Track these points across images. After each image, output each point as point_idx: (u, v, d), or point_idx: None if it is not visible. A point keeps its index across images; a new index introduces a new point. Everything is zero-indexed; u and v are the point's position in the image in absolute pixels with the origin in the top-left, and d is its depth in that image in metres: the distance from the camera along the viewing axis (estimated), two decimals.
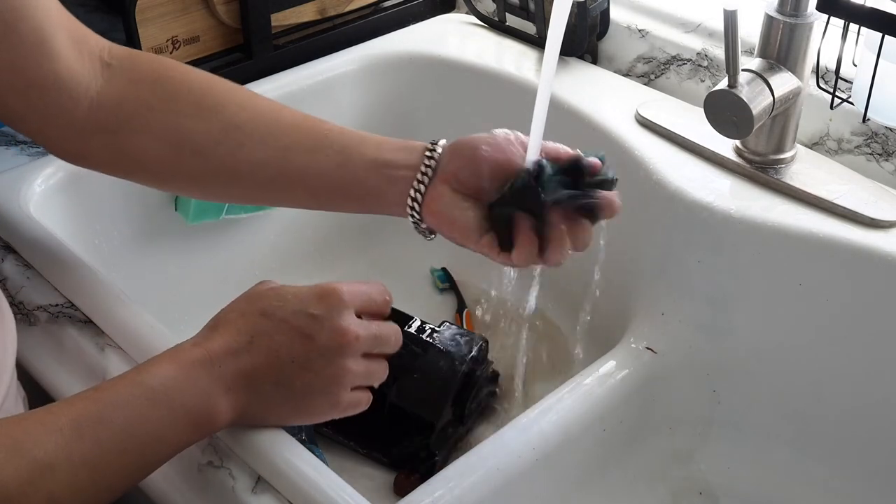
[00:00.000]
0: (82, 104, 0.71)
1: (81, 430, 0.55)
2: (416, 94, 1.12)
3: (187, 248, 1.01)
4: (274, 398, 0.62)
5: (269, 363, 0.61)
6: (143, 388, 0.58)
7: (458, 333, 0.90)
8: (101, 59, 0.73)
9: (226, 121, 0.72)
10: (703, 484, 0.88)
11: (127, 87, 0.72)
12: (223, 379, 0.60)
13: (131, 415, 0.57)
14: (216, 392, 0.60)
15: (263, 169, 0.72)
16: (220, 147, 0.72)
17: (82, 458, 0.55)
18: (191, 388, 0.59)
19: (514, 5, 1.12)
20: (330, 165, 0.71)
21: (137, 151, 0.73)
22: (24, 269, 0.81)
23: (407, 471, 0.88)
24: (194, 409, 0.59)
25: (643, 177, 0.91)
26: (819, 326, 0.84)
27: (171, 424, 0.59)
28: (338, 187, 0.72)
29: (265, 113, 0.74)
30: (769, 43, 0.86)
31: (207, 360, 0.60)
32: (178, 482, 0.66)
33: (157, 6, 0.99)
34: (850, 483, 0.86)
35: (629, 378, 0.82)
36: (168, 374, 0.59)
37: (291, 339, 0.62)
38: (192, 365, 0.60)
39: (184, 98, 0.73)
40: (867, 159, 0.92)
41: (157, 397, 0.58)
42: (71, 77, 0.70)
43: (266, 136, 0.72)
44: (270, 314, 0.62)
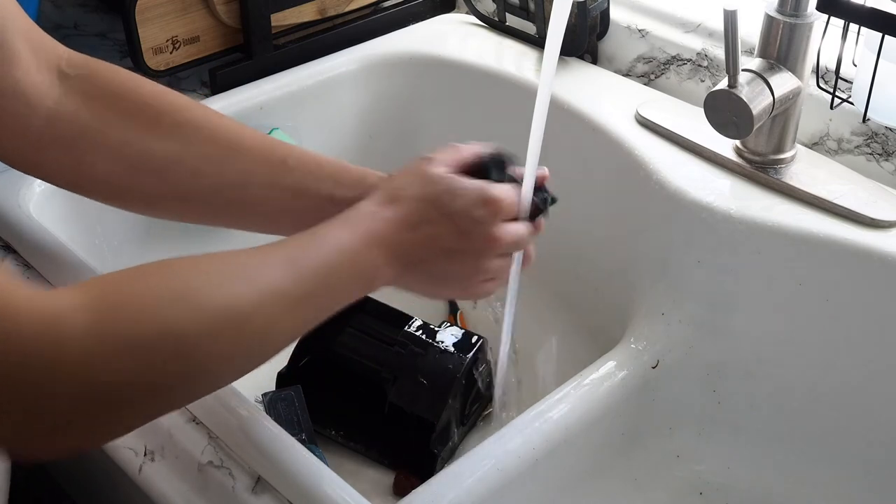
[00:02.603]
0: (39, 114, 0.70)
1: (295, 267, 0.60)
2: (416, 94, 1.12)
3: (187, 248, 1.01)
4: (420, 275, 0.69)
5: (427, 248, 0.67)
6: (338, 247, 0.63)
7: (458, 333, 0.90)
8: (58, 69, 0.71)
9: (183, 142, 0.72)
10: (704, 484, 0.88)
11: (84, 100, 0.71)
12: (390, 250, 0.66)
13: (328, 267, 0.62)
14: (384, 262, 0.65)
15: (220, 193, 0.73)
16: (178, 167, 0.72)
17: (295, 291, 0.60)
18: (368, 256, 0.65)
19: (514, 5, 1.12)
20: (286, 195, 0.73)
21: (92, 168, 0.72)
22: (24, 269, 0.81)
23: (407, 471, 0.88)
24: (366, 274, 0.65)
25: (643, 177, 0.91)
26: (819, 326, 0.84)
27: (351, 283, 0.64)
28: (293, 217, 0.73)
29: (223, 136, 0.73)
30: (769, 43, 0.86)
31: (383, 234, 0.65)
32: (178, 482, 0.66)
33: (157, 6, 0.98)
34: (850, 483, 0.86)
35: (629, 378, 0.82)
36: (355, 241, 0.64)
37: (451, 233, 0.67)
38: (372, 236, 0.65)
39: (141, 116, 0.72)
40: (867, 159, 0.92)
41: (344, 258, 0.63)
42: (29, 83, 0.69)
43: (223, 161, 0.72)
44: (440, 206, 0.67)
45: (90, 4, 1.22)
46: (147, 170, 0.72)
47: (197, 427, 0.67)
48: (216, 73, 1.03)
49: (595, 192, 0.97)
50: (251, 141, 0.74)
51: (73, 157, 0.72)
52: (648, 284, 0.89)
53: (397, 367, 0.87)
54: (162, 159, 0.72)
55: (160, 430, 0.68)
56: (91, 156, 0.71)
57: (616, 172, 0.94)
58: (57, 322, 0.50)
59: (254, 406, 0.68)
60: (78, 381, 0.49)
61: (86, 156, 0.71)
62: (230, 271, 0.58)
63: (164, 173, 0.72)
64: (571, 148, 0.98)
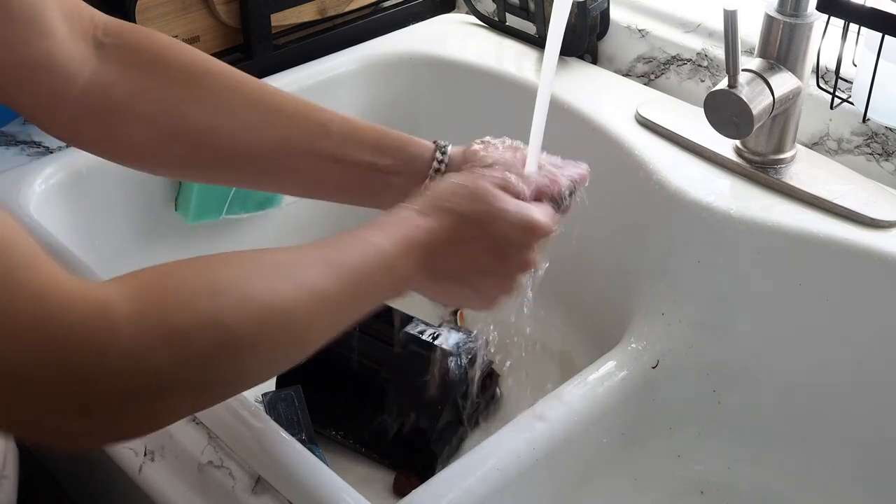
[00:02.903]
0: (75, 85, 0.69)
1: (331, 269, 0.59)
2: (416, 94, 1.12)
3: (187, 248, 1.01)
4: (447, 285, 0.68)
5: (461, 265, 0.66)
6: (377, 251, 0.61)
7: (458, 333, 0.90)
8: (94, 38, 0.71)
9: (221, 106, 0.72)
10: (704, 484, 0.88)
11: (121, 69, 0.71)
12: (424, 260, 0.64)
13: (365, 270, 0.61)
14: (417, 271, 0.64)
15: (259, 158, 0.72)
16: (216, 133, 0.71)
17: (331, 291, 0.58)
18: (405, 263, 0.63)
19: (514, 5, 1.12)
20: (326, 162, 0.72)
21: (130, 136, 0.71)
22: None
23: (407, 471, 0.88)
24: (399, 280, 0.63)
25: (643, 177, 0.91)
26: (819, 326, 0.85)
27: (384, 288, 0.63)
28: (332, 183, 0.73)
29: (262, 99, 0.73)
30: (769, 43, 0.86)
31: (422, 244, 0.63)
32: (178, 482, 0.66)
33: (157, 6, 0.99)
34: (850, 482, 0.86)
35: (629, 378, 0.82)
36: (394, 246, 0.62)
37: (488, 253, 0.66)
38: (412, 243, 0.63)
39: (179, 82, 0.71)
40: (867, 159, 0.92)
41: (382, 263, 0.61)
42: (64, 56, 0.68)
43: (262, 125, 0.72)
44: (482, 226, 0.66)
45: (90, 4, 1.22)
46: (185, 138, 0.71)
47: (197, 427, 0.67)
48: None
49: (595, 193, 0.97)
50: (292, 106, 0.73)
51: (111, 128, 0.71)
52: (648, 284, 0.89)
53: (397, 367, 0.87)
54: (200, 127, 0.71)
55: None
56: (128, 126, 0.71)
57: (616, 172, 0.94)
58: (106, 310, 0.49)
59: (254, 406, 0.68)
60: (127, 370, 0.49)
61: (123, 126, 0.71)
62: (270, 267, 0.57)
63: (202, 141, 0.72)
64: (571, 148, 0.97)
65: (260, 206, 1.02)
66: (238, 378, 0.55)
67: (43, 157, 0.91)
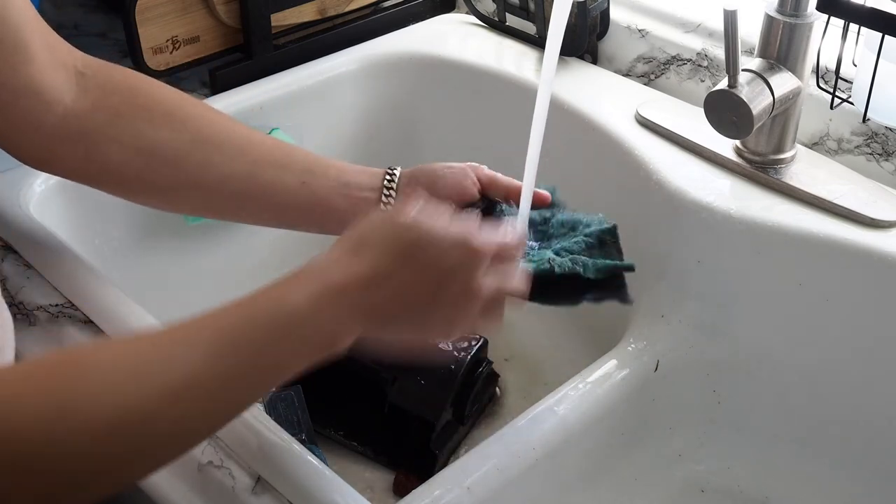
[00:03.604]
0: (55, 110, 0.71)
1: (221, 349, 0.55)
2: (416, 94, 1.12)
3: (187, 249, 1.01)
4: (393, 325, 0.62)
5: (398, 300, 0.61)
6: (282, 312, 0.57)
7: None
8: (75, 69, 0.73)
9: (196, 133, 0.75)
10: (704, 484, 0.88)
11: (100, 95, 0.73)
12: (354, 309, 0.59)
13: (267, 340, 0.57)
14: (347, 322, 0.59)
15: (230, 183, 0.75)
16: (190, 158, 0.74)
17: (213, 381, 0.55)
18: (326, 317, 0.58)
19: (514, 5, 1.12)
20: (295, 183, 0.75)
21: (106, 159, 0.74)
22: (24, 269, 0.81)
23: (407, 471, 0.88)
24: (324, 336, 0.59)
25: (643, 177, 0.91)
26: (819, 326, 0.84)
27: (300, 351, 0.58)
28: (302, 206, 0.75)
29: (234, 130, 0.77)
30: (769, 43, 0.86)
31: (344, 290, 0.59)
32: (178, 482, 0.66)
33: (157, 6, 0.99)
34: (851, 482, 0.86)
35: (629, 378, 0.82)
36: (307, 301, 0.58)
37: (425, 283, 0.61)
38: (331, 293, 0.59)
39: (155, 109, 0.74)
40: (867, 159, 0.92)
41: (291, 326, 0.57)
42: (46, 83, 0.70)
43: (235, 150, 0.75)
44: (411, 256, 0.61)
45: (90, 4, 1.22)
46: (159, 160, 0.74)
47: None
48: (216, 73, 1.03)
49: (595, 192, 0.97)
50: (259, 137, 0.78)
51: (87, 150, 0.73)
52: (648, 284, 0.89)
53: (397, 367, 0.87)
54: (175, 150, 0.74)
55: None
56: (104, 147, 0.73)
57: (616, 172, 0.94)
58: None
59: (254, 406, 0.68)
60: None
61: (99, 148, 0.73)
62: (132, 367, 0.53)
63: (178, 163, 0.74)
64: (571, 148, 0.98)
65: None
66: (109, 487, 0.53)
67: None
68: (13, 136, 0.73)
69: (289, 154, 0.77)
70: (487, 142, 1.07)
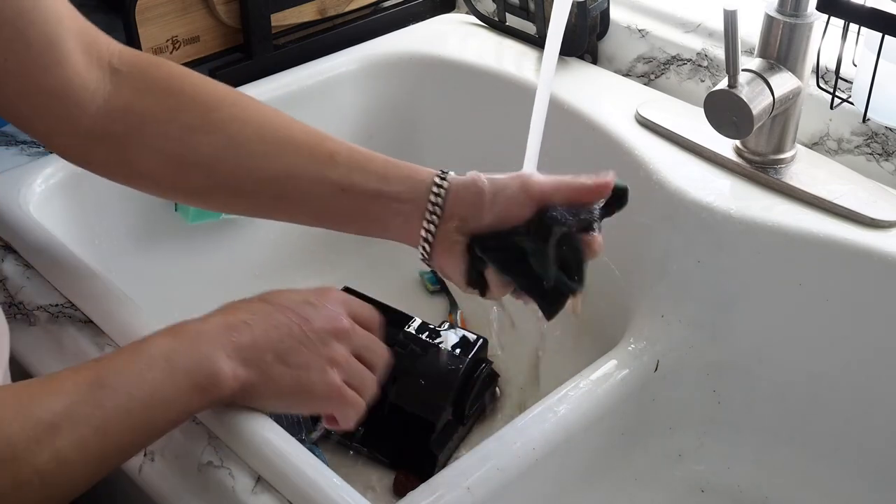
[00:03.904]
0: (89, 110, 0.71)
1: (83, 393, 0.57)
2: (416, 94, 1.12)
3: (187, 248, 1.01)
4: (275, 371, 0.63)
5: (269, 337, 0.63)
6: (142, 354, 0.60)
7: (458, 333, 0.90)
8: (110, 65, 0.72)
9: (232, 136, 0.72)
10: (704, 483, 0.88)
11: (134, 95, 0.72)
12: (223, 347, 0.61)
13: (131, 378, 0.59)
14: (216, 356, 0.61)
15: (267, 187, 0.73)
16: (225, 163, 0.72)
17: (86, 418, 0.56)
18: (188, 353, 0.60)
19: (514, 5, 1.12)
20: (333, 191, 0.72)
21: (141, 162, 0.73)
22: (24, 269, 0.81)
23: (407, 471, 0.88)
24: (195, 371, 0.60)
25: (643, 177, 0.91)
26: (819, 326, 0.84)
27: (172, 386, 0.60)
28: (341, 212, 0.73)
29: (272, 129, 0.73)
30: (769, 43, 0.86)
31: (204, 331, 0.62)
32: (178, 482, 0.66)
33: (157, 6, 0.98)
34: (850, 482, 0.86)
35: (629, 378, 0.82)
36: (165, 342, 0.61)
37: (290, 318, 0.64)
38: (189, 335, 0.62)
39: (190, 111, 0.72)
40: (867, 159, 0.92)
41: (154, 361, 0.59)
42: (79, 83, 0.69)
43: (271, 156, 0.72)
44: (270, 300, 0.65)
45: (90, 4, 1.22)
46: (194, 165, 0.72)
47: (197, 427, 0.67)
48: (216, 73, 1.03)
49: None
50: (300, 135, 0.73)
51: (122, 153, 0.73)
52: (648, 284, 0.89)
53: (397, 367, 0.87)
54: (209, 155, 0.72)
55: None
56: (139, 151, 0.72)
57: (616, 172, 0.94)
58: None
59: None
60: None
61: (133, 151, 0.72)
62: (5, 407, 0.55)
63: (211, 168, 0.72)
64: (571, 148, 0.98)
65: None
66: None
67: (43, 157, 0.91)
68: (53, 136, 0.73)
69: (329, 157, 0.72)
70: (487, 142, 1.07)
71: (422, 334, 0.89)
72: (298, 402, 0.66)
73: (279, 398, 0.65)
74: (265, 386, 0.63)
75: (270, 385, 0.63)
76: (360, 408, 0.66)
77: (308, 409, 0.66)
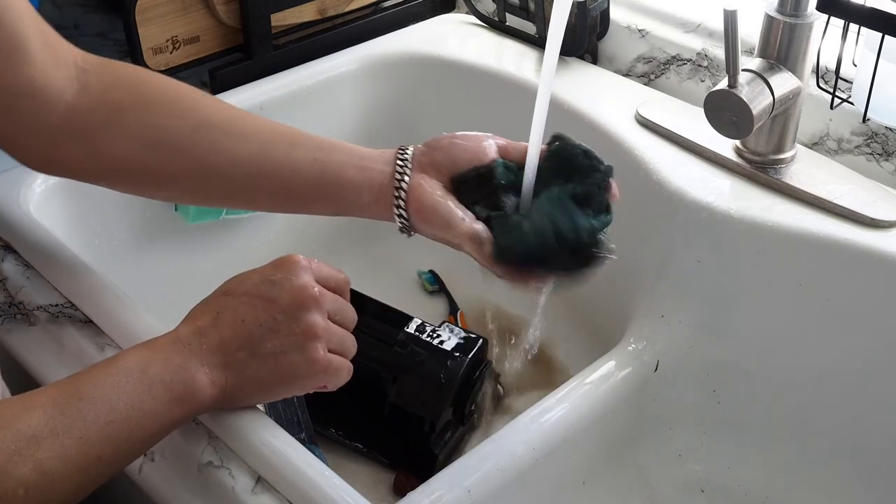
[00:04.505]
0: (57, 109, 0.71)
1: (62, 406, 0.57)
2: (416, 94, 1.12)
3: (187, 248, 1.01)
4: (251, 367, 0.63)
5: (237, 333, 0.63)
6: (118, 367, 0.60)
7: (459, 333, 0.90)
8: (76, 65, 0.73)
9: (202, 119, 0.73)
10: (704, 483, 0.88)
11: (102, 91, 0.73)
12: (196, 355, 0.62)
13: (108, 390, 0.59)
14: (191, 366, 0.61)
15: (240, 166, 0.73)
16: (196, 144, 0.73)
17: (66, 429, 0.56)
18: (164, 363, 0.61)
19: (514, 5, 1.12)
20: (307, 160, 0.72)
21: (111, 154, 0.73)
22: (24, 269, 0.81)
23: (406, 471, 0.88)
24: (172, 382, 0.60)
25: (643, 177, 0.91)
26: (819, 326, 0.85)
27: (150, 396, 0.60)
28: (315, 184, 0.73)
29: (241, 116, 0.75)
30: (769, 43, 0.86)
31: (176, 341, 0.62)
32: (178, 482, 0.66)
33: (157, 6, 0.98)
34: (850, 482, 0.86)
35: (629, 378, 0.82)
36: (140, 355, 0.61)
37: (255, 306, 0.63)
38: (162, 346, 0.62)
39: (159, 100, 0.73)
40: (867, 159, 0.92)
41: (131, 373, 0.60)
42: (46, 82, 0.70)
43: (242, 134, 0.73)
44: (231, 291, 0.65)
45: (90, 4, 1.22)
46: (166, 147, 0.72)
47: (197, 427, 0.67)
48: (216, 73, 1.03)
49: None
50: (268, 124, 0.75)
51: (91, 146, 0.73)
52: (648, 284, 0.89)
53: (397, 367, 0.87)
54: (182, 137, 0.72)
55: None
56: (108, 142, 0.72)
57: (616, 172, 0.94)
58: None
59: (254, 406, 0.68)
60: None
61: (103, 143, 0.72)
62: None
63: (184, 150, 0.73)
64: None
65: None
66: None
67: None
68: (18, 138, 0.73)
69: (299, 134, 0.75)
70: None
71: (422, 334, 0.89)
72: (285, 389, 0.65)
73: (264, 391, 0.65)
74: (246, 385, 0.63)
75: (250, 383, 0.63)
76: (348, 370, 0.66)
77: (297, 391, 0.65)
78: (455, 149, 0.72)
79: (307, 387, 0.65)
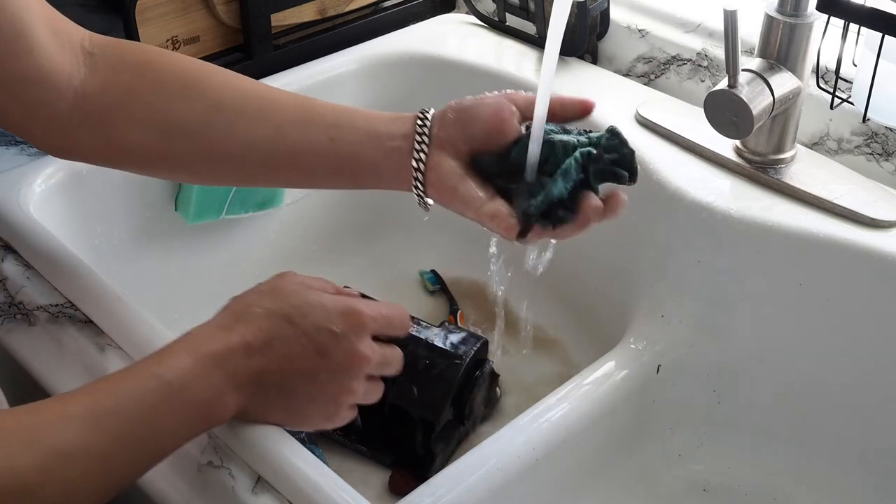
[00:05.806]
0: (66, 95, 0.70)
1: (98, 421, 0.56)
2: (416, 94, 1.12)
3: (187, 248, 1.01)
4: (275, 402, 0.63)
5: (280, 370, 0.62)
6: (159, 381, 0.59)
7: (458, 333, 0.90)
8: (83, 49, 0.71)
9: (214, 101, 0.72)
10: (704, 483, 0.88)
11: (111, 74, 0.71)
12: (235, 377, 0.61)
13: (146, 408, 0.58)
14: (227, 390, 0.61)
15: (255, 148, 0.72)
16: (210, 128, 0.71)
17: (98, 448, 0.56)
18: (204, 384, 0.60)
19: (514, 5, 1.12)
20: (322, 140, 0.71)
21: (124, 139, 0.72)
22: (24, 269, 0.81)
23: (402, 469, 0.88)
24: (204, 404, 0.60)
25: (643, 177, 0.90)
26: (819, 326, 0.85)
27: (182, 419, 0.59)
28: (331, 163, 0.71)
29: (253, 92, 0.73)
30: (769, 43, 0.86)
31: (223, 356, 0.60)
32: (178, 482, 0.66)
33: (157, 6, 0.99)
34: (850, 482, 0.86)
35: (629, 378, 0.82)
36: (184, 367, 0.59)
37: (307, 351, 0.62)
38: (207, 359, 0.60)
39: (169, 81, 0.72)
40: (867, 159, 0.92)
41: (171, 392, 0.58)
42: (53, 69, 0.69)
43: (256, 115, 0.72)
44: (294, 322, 0.62)
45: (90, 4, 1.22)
46: (180, 131, 0.71)
47: None
48: None
49: None
50: (282, 97, 0.73)
51: (105, 132, 0.72)
52: (648, 284, 0.89)
53: None
54: (195, 121, 0.71)
55: None
56: (122, 127, 0.71)
57: None
58: None
59: None
60: None
61: (117, 128, 0.71)
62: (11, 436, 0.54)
63: (198, 134, 0.71)
64: None
65: (260, 206, 1.02)
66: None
67: (43, 157, 0.91)
68: (31, 126, 0.72)
69: (314, 109, 0.72)
70: None
71: (422, 334, 0.89)
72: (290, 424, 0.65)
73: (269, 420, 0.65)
74: (259, 414, 0.64)
75: (264, 413, 0.64)
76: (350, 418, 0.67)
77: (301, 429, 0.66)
78: (474, 124, 0.70)
79: (308, 429, 0.67)
